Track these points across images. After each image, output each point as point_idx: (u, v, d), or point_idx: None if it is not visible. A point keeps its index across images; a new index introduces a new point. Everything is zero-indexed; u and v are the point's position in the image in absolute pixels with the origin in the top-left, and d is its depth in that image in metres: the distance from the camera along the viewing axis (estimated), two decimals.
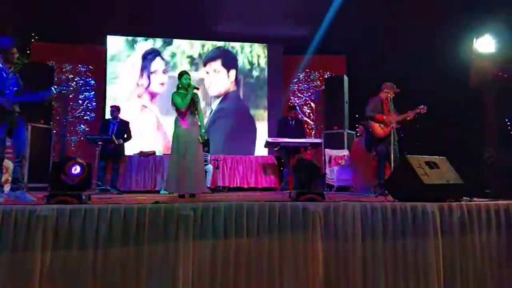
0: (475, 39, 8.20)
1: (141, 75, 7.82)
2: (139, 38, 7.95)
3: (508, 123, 9.17)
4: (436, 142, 7.73)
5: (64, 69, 8.19)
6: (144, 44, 7.93)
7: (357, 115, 7.85)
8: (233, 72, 8.09)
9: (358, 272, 3.01)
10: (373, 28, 7.91)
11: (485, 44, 8.05)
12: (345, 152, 6.88)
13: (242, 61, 8.27)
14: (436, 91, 7.39)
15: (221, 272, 2.81)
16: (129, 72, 7.87)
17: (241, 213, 2.89)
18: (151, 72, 7.84)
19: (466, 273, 3.21)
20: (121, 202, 3.21)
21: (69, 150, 8.06)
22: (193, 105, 4.41)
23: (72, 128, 8.22)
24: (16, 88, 3.58)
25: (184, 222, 2.76)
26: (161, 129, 7.73)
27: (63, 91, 4.13)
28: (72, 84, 8.10)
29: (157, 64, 7.84)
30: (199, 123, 4.45)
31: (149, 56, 7.85)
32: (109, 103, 7.73)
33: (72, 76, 8.23)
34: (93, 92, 8.33)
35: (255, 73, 8.34)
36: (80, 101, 8.28)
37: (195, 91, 4.44)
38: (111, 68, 7.96)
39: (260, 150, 8.05)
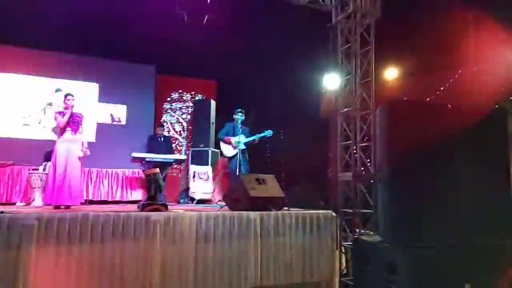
0: (324, 75, 9.84)
1: None
2: None
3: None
4: (285, 164, 9.06)
5: None
6: None
7: None
8: None
9: (191, 271, 3.63)
10: (242, 58, 8.87)
11: (331, 81, 9.71)
12: (208, 169, 7.57)
13: None
14: (290, 119, 8.65)
15: (62, 278, 3.12)
16: None
17: (86, 223, 3.26)
18: None
19: (278, 265, 4.08)
20: None
21: None
22: (74, 122, 4.97)
23: None
24: None
25: (28, 231, 3.02)
26: None
27: None
28: None
29: None
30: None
31: None
32: None
33: None
34: None
35: None
36: None
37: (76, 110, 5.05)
38: None
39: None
